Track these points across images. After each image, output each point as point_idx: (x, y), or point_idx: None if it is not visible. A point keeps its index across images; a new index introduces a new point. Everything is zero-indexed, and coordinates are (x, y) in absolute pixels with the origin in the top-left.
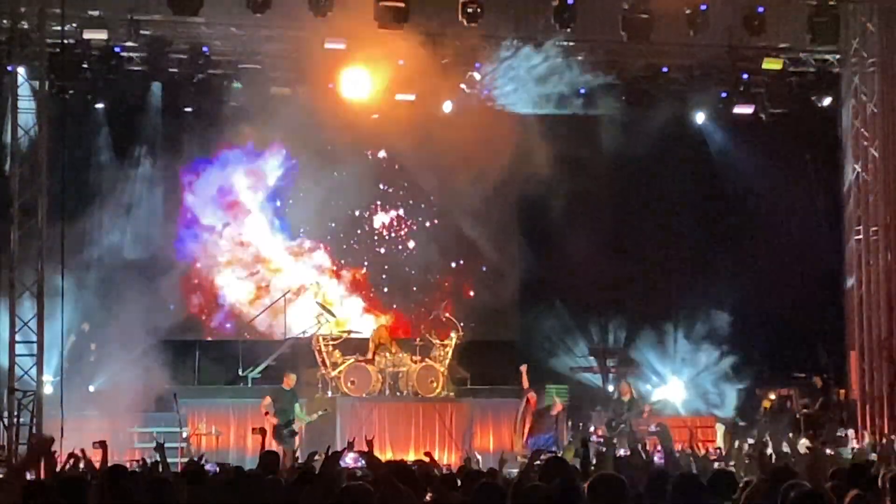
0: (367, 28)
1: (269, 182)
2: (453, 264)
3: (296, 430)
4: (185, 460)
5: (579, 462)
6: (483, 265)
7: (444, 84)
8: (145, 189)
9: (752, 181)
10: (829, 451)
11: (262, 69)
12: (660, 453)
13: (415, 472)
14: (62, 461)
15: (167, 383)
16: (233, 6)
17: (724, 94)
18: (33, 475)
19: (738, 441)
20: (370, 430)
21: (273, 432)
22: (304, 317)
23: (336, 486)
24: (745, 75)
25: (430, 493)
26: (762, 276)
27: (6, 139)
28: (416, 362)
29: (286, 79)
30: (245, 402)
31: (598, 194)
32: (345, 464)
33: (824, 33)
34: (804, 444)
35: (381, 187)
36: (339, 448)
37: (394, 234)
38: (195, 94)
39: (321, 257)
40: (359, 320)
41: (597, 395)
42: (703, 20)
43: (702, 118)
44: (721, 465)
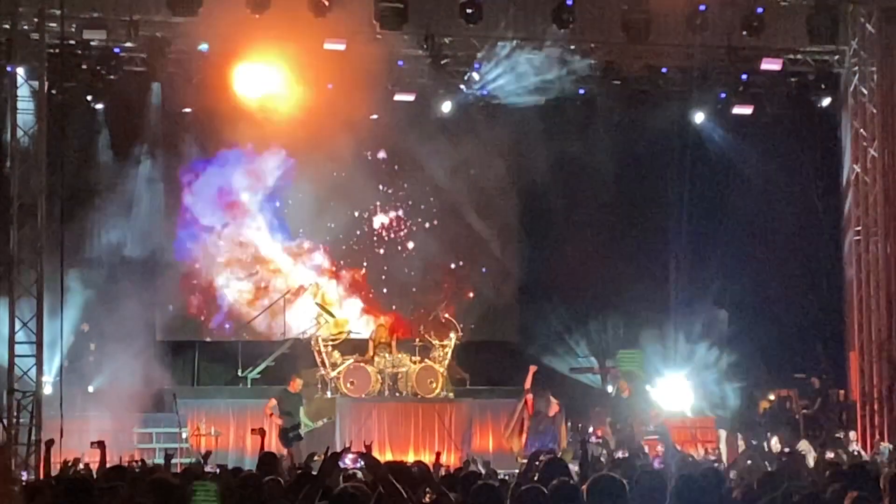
0: (366, 28)
1: (268, 182)
2: (453, 265)
3: (301, 434)
4: (189, 461)
5: (578, 463)
6: (482, 266)
7: (444, 84)
8: (144, 189)
9: (751, 181)
10: (829, 454)
11: (262, 69)
12: (660, 457)
13: (413, 473)
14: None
15: (166, 384)
16: (232, 6)
17: (723, 95)
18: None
19: (738, 442)
20: (369, 431)
21: (278, 435)
22: (304, 317)
23: (334, 488)
24: (745, 76)
25: (428, 494)
26: (761, 277)
27: (6, 139)
28: (415, 363)
29: (286, 79)
30: (244, 402)
31: (598, 195)
32: (344, 465)
33: (823, 33)
34: (804, 445)
35: (380, 188)
36: (339, 449)
37: (393, 235)
38: (194, 94)
39: (320, 258)
40: (358, 321)
41: (596, 395)
42: (703, 21)
43: (701, 118)
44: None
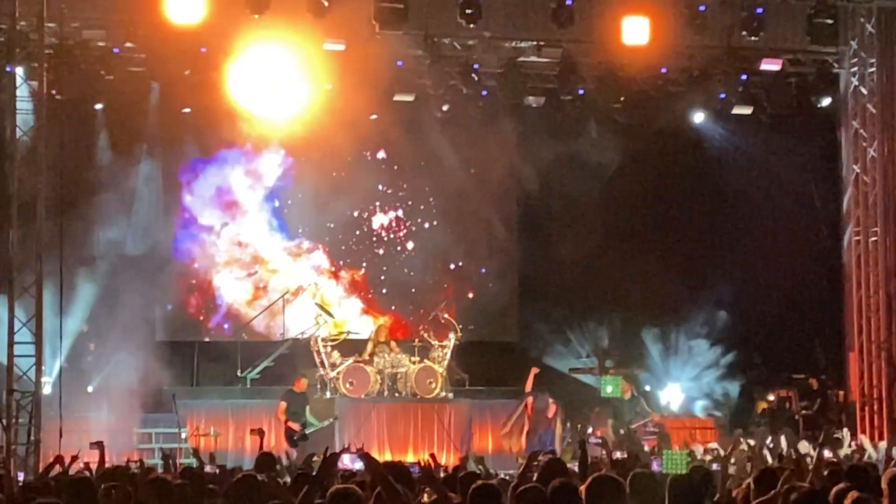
0: (366, 29)
1: (267, 182)
2: (452, 265)
3: (307, 434)
4: (191, 462)
5: (577, 463)
6: (482, 266)
7: (443, 85)
8: (144, 189)
9: (751, 182)
10: (827, 454)
11: (261, 70)
12: (658, 459)
13: (412, 473)
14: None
15: (166, 384)
16: (232, 6)
17: (722, 95)
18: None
19: (737, 443)
20: (369, 431)
21: (285, 435)
22: (303, 317)
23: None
24: (744, 76)
25: (427, 494)
26: (761, 277)
27: (5, 139)
28: (414, 363)
29: (285, 79)
30: (243, 402)
31: (598, 195)
32: (343, 465)
33: (823, 34)
34: (804, 446)
35: (380, 188)
36: (338, 449)
37: (393, 236)
38: (194, 94)
39: (320, 258)
40: (357, 321)
41: (596, 395)
42: (702, 21)
43: (701, 119)
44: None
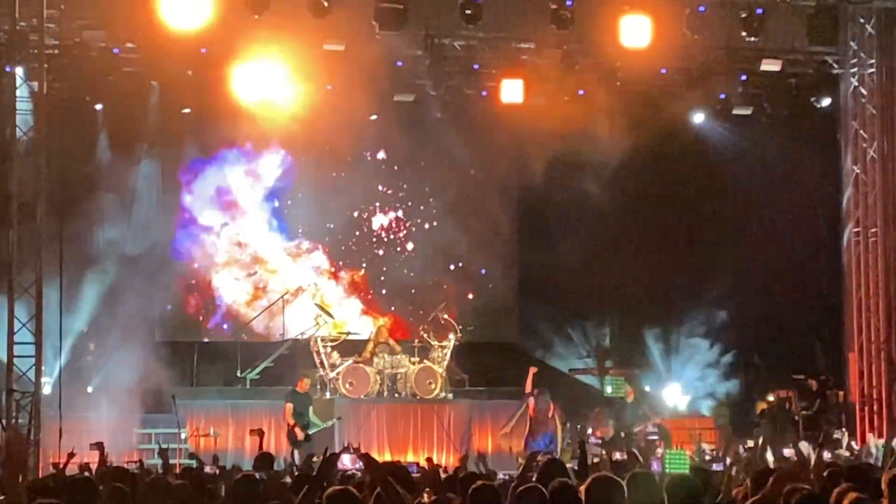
0: (366, 29)
1: (267, 182)
2: (452, 266)
3: (310, 434)
4: (191, 462)
5: (577, 463)
6: (482, 267)
7: (443, 85)
8: (144, 189)
9: (750, 182)
10: (826, 454)
11: (261, 70)
12: (659, 458)
13: (412, 474)
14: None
15: (165, 384)
16: (232, 6)
17: (722, 96)
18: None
19: (737, 443)
20: (368, 432)
21: (287, 435)
22: (303, 318)
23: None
24: (744, 76)
25: (427, 495)
26: (761, 277)
27: (5, 139)
28: (414, 364)
29: (285, 79)
30: (243, 403)
31: (598, 195)
32: (342, 465)
33: (823, 34)
34: (804, 447)
35: (379, 188)
36: (337, 450)
37: (392, 236)
38: (194, 94)
39: (319, 258)
40: (357, 322)
41: (596, 395)
42: (702, 21)
43: (701, 119)
44: (720, 466)
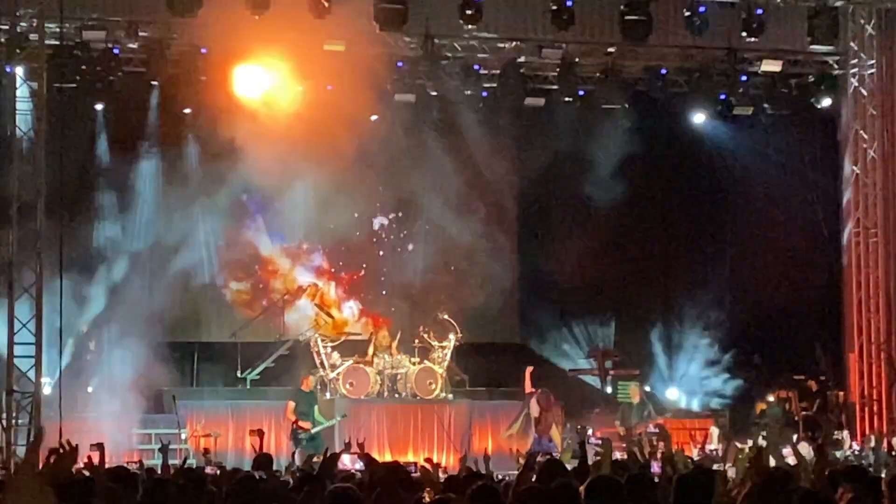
0: (366, 29)
1: (267, 183)
2: (452, 267)
3: (314, 434)
4: (192, 463)
5: (577, 464)
6: (482, 267)
7: (443, 85)
8: (143, 189)
9: (751, 183)
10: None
11: (262, 70)
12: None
13: (412, 474)
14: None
15: (165, 384)
16: (232, 7)
17: (723, 96)
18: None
19: (736, 443)
20: (369, 432)
21: (291, 435)
22: (303, 319)
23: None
24: (744, 77)
25: (427, 495)
26: (761, 277)
27: (5, 139)
28: (414, 364)
29: (285, 80)
30: (243, 403)
31: (598, 196)
32: (343, 465)
33: (823, 35)
34: (804, 447)
35: (380, 189)
36: (338, 450)
37: (392, 237)
38: (194, 94)
39: (319, 259)
40: (357, 322)
41: (597, 396)
42: (702, 22)
43: (701, 119)
44: (719, 467)
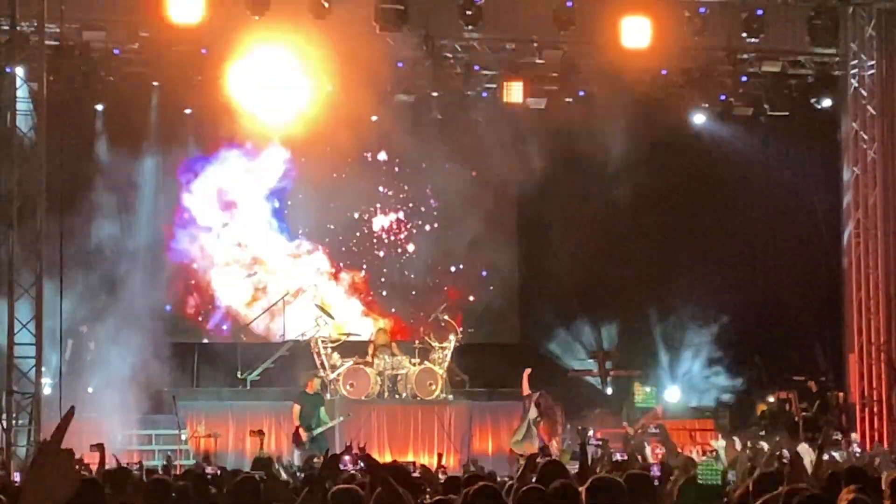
0: (366, 30)
1: (267, 183)
2: (452, 267)
3: (316, 436)
4: (191, 463)
5: (577, 464)
6: (482, 268)
7: (444, 86)
8: (143, 190)
9: (751, 183)
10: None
11: (262, 70)
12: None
13: (412, 474)
14: None
15: (165, 385)
16: (232, 7)
17: (723, 97)
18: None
19: (736, 444)
20: (369, 433)
21: (293, 436)
22: (303, 319)
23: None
24: (745, 78)
25: (428, 495)
26: (761, 278)
27: (5, 139)
28: (415, 365)
29: (285, 80)
30: (244, 404)
31: (598, 197)
32: (344, 466)
33: (823, 36)
34: (804, 448)
35: (380, 189)
36: (339, 450)
37: (393, 237)
38: (194, 94)
39: (320, 259)
40: (357, 323)
41: (597, 396)
42: (702, 22)
43: (701, 120)
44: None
